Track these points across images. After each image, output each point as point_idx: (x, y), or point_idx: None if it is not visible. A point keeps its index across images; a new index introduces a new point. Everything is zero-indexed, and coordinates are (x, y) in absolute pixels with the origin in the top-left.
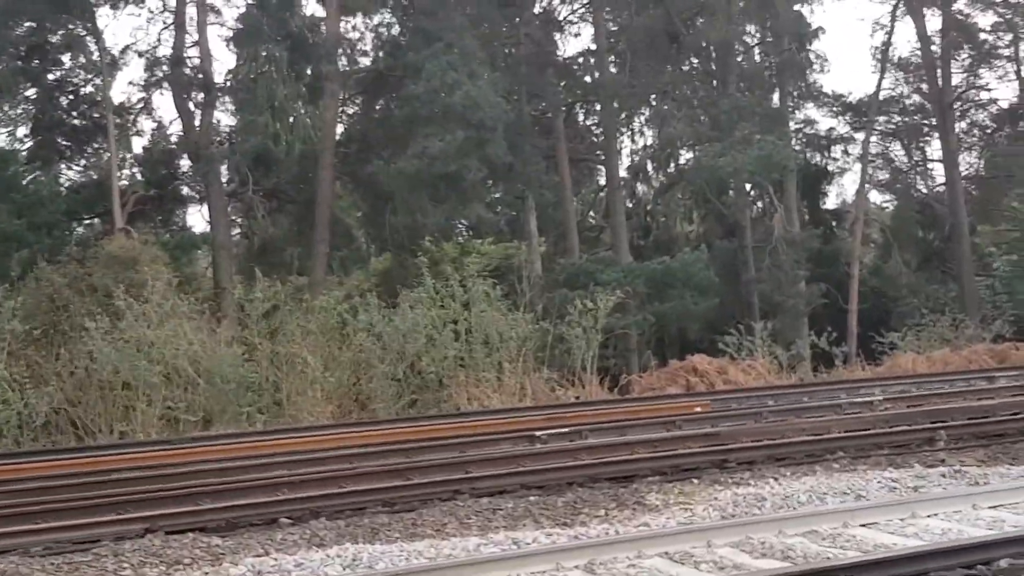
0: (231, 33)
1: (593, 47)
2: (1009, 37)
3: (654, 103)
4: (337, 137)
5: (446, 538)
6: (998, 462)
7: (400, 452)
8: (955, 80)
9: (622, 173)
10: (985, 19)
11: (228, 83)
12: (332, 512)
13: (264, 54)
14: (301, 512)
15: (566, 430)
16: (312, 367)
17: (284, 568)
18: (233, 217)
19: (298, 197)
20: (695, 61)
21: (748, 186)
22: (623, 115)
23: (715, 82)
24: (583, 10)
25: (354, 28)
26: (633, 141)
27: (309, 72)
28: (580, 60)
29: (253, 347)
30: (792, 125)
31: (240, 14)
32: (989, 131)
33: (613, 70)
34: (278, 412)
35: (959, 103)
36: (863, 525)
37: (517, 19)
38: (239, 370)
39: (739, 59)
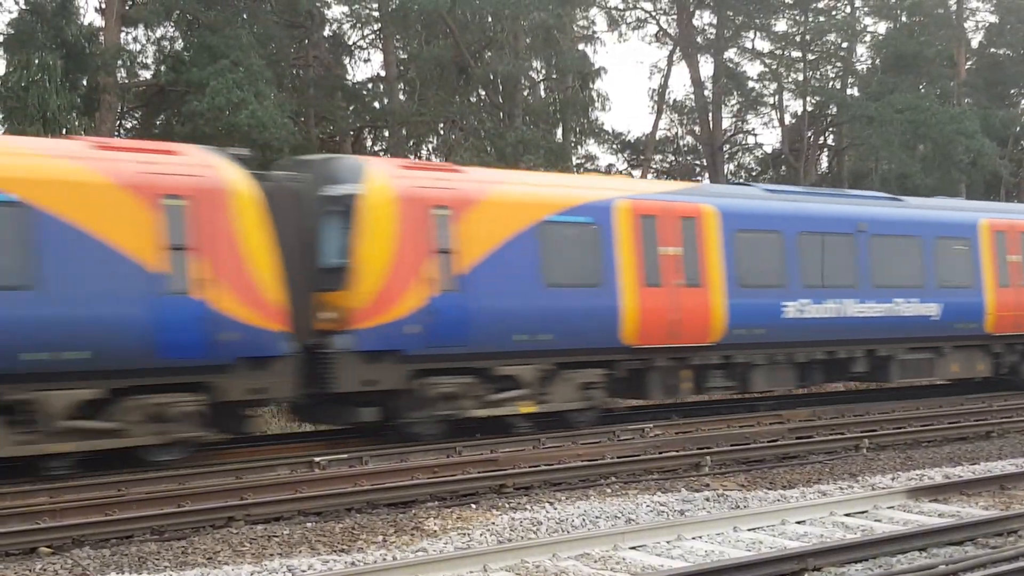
0: (2, 38)
1: (383, 73)
2: (774, 86)
3: (442, 132)
4: None
5: (218, 566)
6: (757, 486)
7: (172, 478)
8: (725, 124)
9: None
10: (753, 68)
11: None
12: (97, 541)
13: (37, 62)
14: (63, 541)
15: (345, 456)
16: None
17: None
18: None
19: None
20: (483, 93)
21: None
22: (411, 142)
23: (502, 114)
24: (373, 36)
25: (135, 40)
26: None
27: (85, 83)
28: (369, 85)
29: None
30: (574, 160)
31: (12, 19)
32: (754, 173)
33: (402, 97)
34: None
35: (728, 146)
36: (633, 548)
37: (306, 41)
38: None
39: (525, 93)
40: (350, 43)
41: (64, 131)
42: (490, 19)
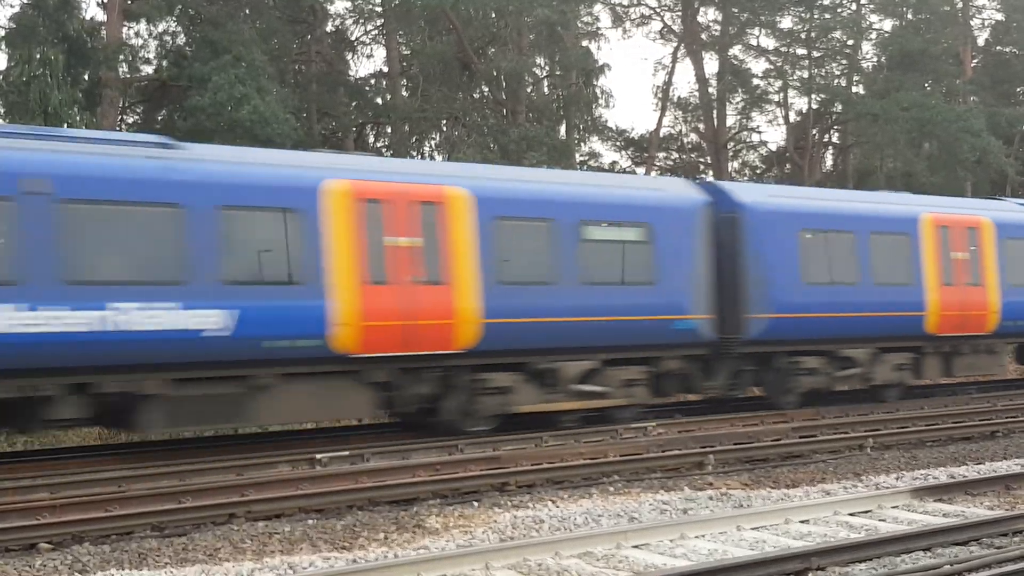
0: (3, 32)
1: (385, 69)
2: (779, 84)
3: (445, 128)
4: None
5: (218, 563)
6: (761, 485)
7: (173, 475)
8: (729, 121)
9: None
10: (758, 66)
11: None
12: (97, 537)
13: (39, 56)
14: (63, 537)
15: (347, 453)
16: None
17: None
18: None
19: None
20: (486, 89)
21: None
22: (414, 139)
23: (505, 111)
24: (376, 32)
25: (137, 35)
26: None
27: (87, 77)
28: (372, 81)
29: None
30: (578, 157)
31: (14, 13)
32: (759, 171)
33: (405, 93)
34: (40, 432)
35: (732, 143)
36: (635, 546)
37: (308, 36)
38: None
39: (528, 90)
40: (353, 39)
41: (66, 126)
42: (493, 15)
